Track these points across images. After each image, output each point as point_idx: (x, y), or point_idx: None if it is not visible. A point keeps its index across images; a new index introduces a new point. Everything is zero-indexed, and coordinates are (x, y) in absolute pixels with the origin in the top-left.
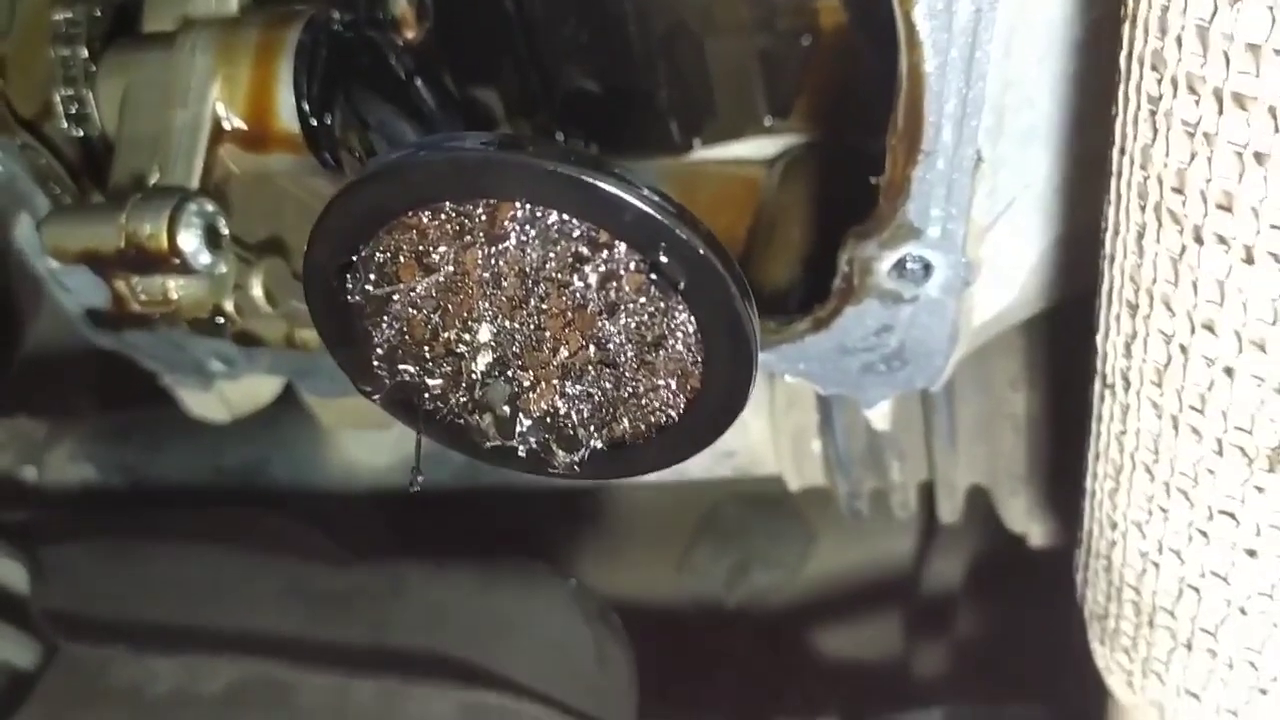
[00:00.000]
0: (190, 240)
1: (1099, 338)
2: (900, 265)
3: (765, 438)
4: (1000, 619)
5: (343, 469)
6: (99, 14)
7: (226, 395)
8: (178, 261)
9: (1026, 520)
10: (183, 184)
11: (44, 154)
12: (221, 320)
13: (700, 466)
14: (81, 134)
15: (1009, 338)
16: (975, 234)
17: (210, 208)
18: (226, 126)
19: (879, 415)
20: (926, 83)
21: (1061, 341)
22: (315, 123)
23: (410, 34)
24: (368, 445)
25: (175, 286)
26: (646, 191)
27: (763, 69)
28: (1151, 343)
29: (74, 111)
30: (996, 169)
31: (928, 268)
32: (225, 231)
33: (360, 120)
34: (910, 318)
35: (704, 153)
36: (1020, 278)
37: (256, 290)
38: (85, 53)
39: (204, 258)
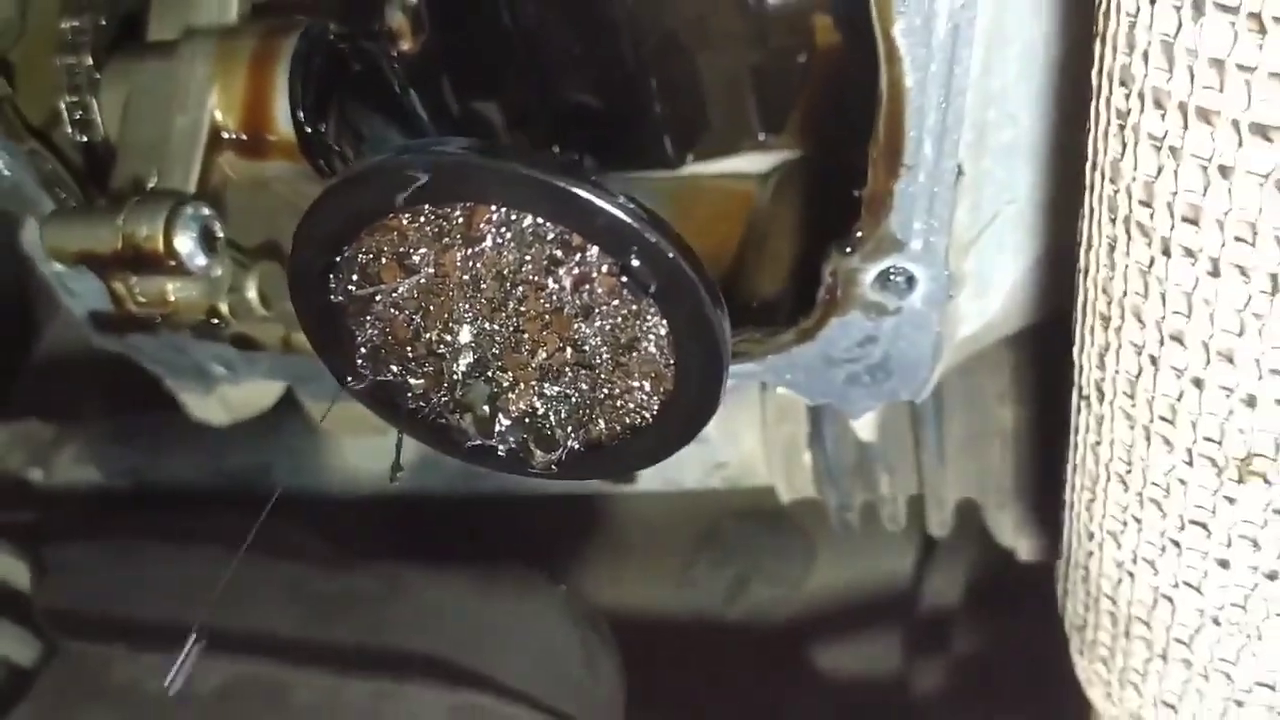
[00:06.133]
0: (186, 243)
1: (1075, 351)
2: (883, 277)
3: (757, 449)
4: (991, 633)
5: (345, 475)
6: (105, 22)
7: (227, 399)
8: (174, 263)
9: (1015, 534)
10: (180, 188)
11: (50, 160)
12: (217, 321)
13: (693, 477)
14: (86, 140)
15: (997, 353)
16: (958, 247)
17: (206, 211)
18: (225, 134)
19: (865, 426)
20: (907, 97)
21: (1049, 357)
22: (310, 130)
23: (406, 45)
24: (370, 451)
25: (173, 289)
26: (618, 198)
27: (756, 84)
28: (1124, 354)
29: (79, 118)
30: (979, 184)
31: (910, 280)
32: (221, 235)
33: (354, 130)
34: (894, 329)
35: (698, 167)
36: (1004, 292)
37: (251, 293)
38: (90, 60)
39: (200, 260)
